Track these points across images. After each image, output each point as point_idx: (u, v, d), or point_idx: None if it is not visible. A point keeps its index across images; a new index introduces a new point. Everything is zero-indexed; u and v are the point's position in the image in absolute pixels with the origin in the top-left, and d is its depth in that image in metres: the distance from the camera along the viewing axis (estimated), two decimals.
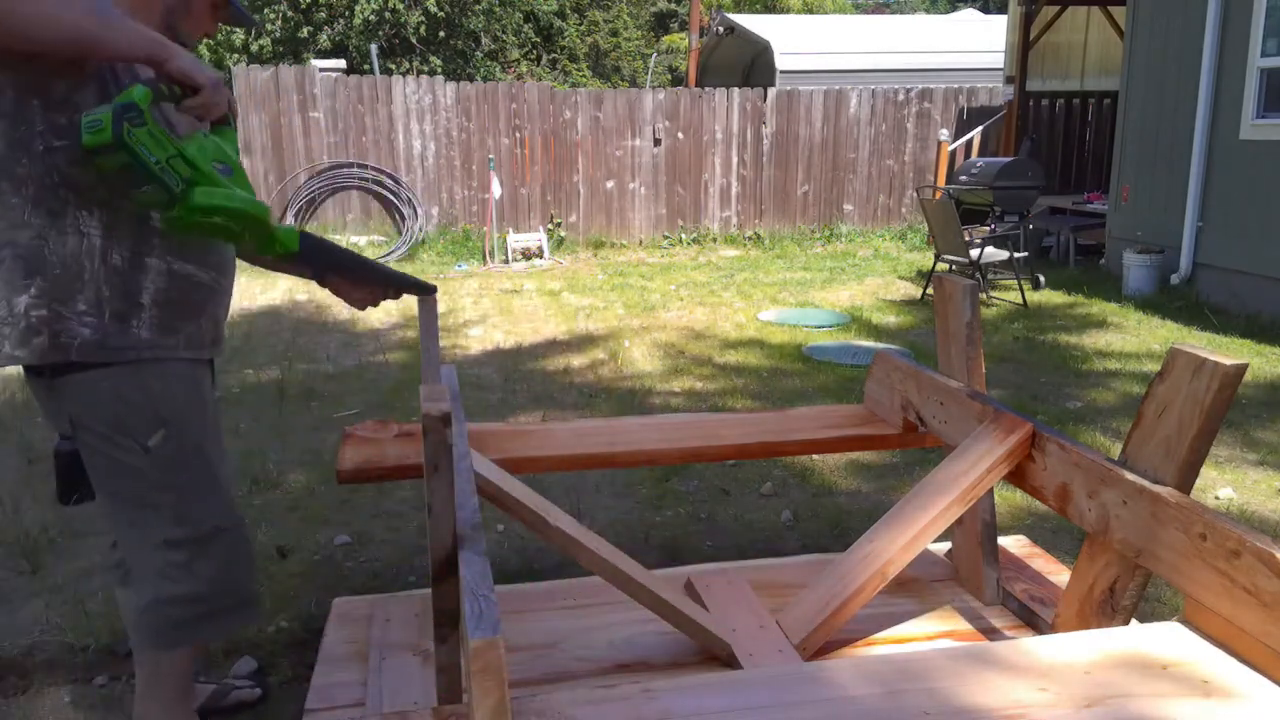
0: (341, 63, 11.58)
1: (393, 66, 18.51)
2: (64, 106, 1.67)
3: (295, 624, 2.70)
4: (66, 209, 1.71)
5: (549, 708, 1.48)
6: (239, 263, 2.07)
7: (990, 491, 2.35)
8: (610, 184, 11.16)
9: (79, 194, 1.70)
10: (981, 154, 10.95)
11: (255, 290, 8.12)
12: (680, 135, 11.22)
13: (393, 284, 2.16)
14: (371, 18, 18.00)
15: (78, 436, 1.82)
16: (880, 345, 6.16)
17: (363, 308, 2.19)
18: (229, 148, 1.75)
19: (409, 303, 4.20)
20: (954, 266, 7.86)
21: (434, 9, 18.62)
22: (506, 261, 10.17)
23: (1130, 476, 1.85)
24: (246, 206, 1.68)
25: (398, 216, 10.66)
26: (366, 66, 15.90)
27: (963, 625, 2.42)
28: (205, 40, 1.89)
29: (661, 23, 27.74)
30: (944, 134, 11.19)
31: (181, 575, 1.89)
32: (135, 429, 1.81)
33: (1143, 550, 1.81)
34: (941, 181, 10.45)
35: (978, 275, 7.57)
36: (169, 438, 1.84)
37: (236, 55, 17.44)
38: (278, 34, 17.94)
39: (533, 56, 23.88)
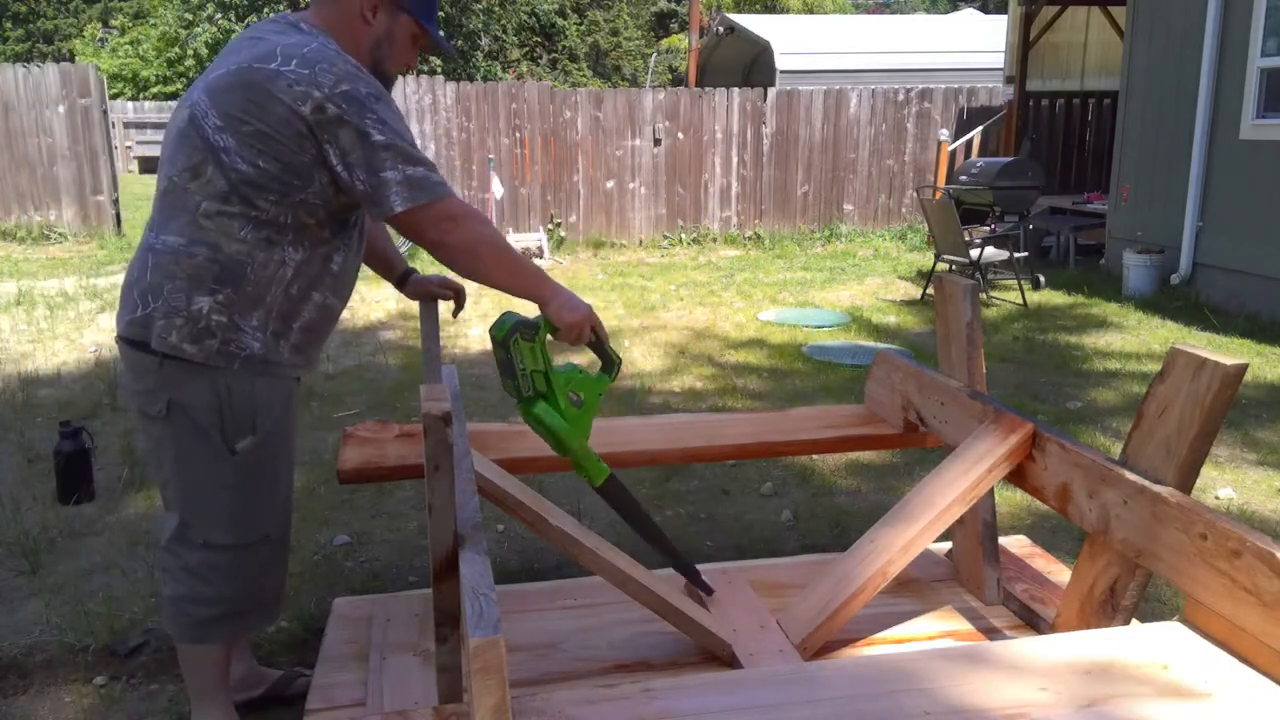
0: None
1: None
2: (347, 195, 1.88)
3: (295, 624, 2.70)
4: (282, 241, 1.87)
5: (549, 707, 1.48)
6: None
7: (990, 491, 2.35)
8: (610, 184, 11.16)
9: (297, 234, 1.88)
10: (981, 154, 10.95)
11: None
12: (680, 135, 11.22)
13: (674, 565, 2.42)
14: None
15: (170, 417, 1.89)
16: (880, 345, 6.16)
17: None
18: (594, 389, 2.08)
19: (409, 302, 4.18)
20: (954, 266, 7.86)
21: None
22: None
23: (1131, 476, 1.85)
24: (563, 438, 2.02)
25: None
26: None
27: (963, 625, 2.42)
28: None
29: (661, 23, 27.75)
30: (944, 134, 11.18)
31: (215, 577, 1.96)
32: (229, 430, 1.90)
33: (1143, 550, 1.81)
34: (941, 181, 10.45)
35: (978, 275, 7.57)
36: (256, 445, 1.93)
37: None
38: None
39: (533, 56, 23.87)
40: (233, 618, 1.99)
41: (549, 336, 1.99)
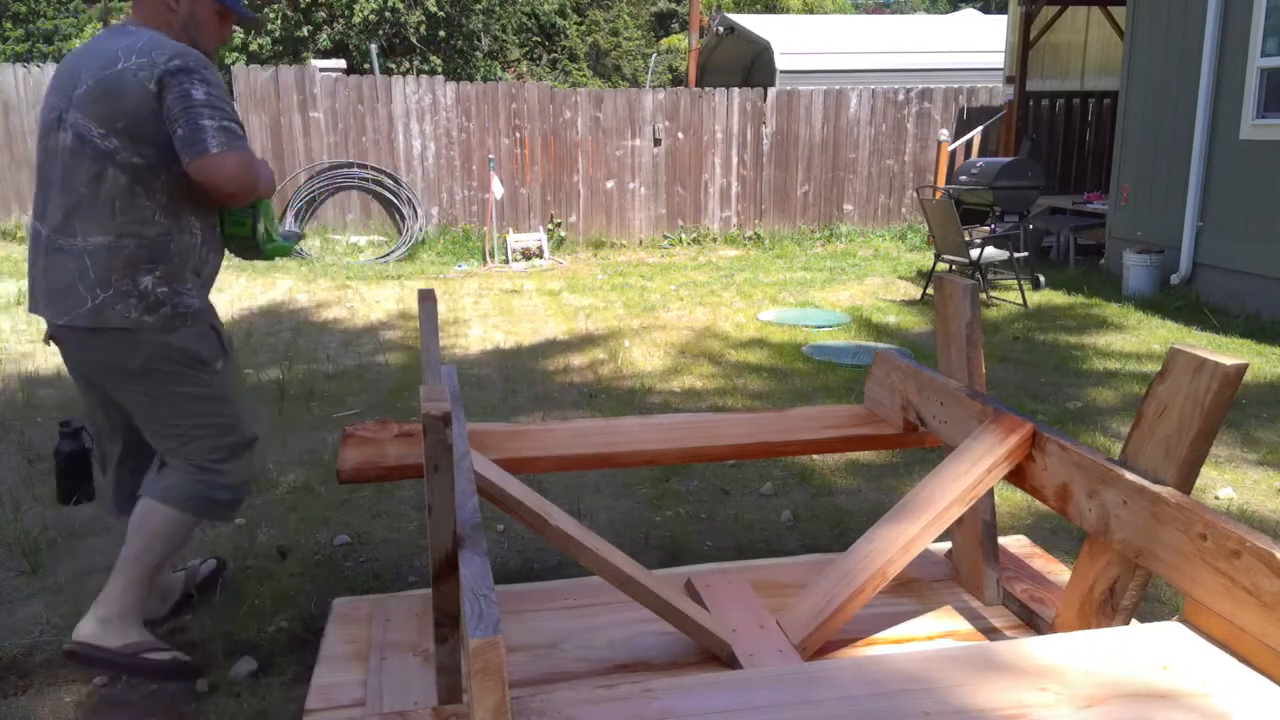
0: (341, 63, 11.58)
1: (393, 66, 18.51)
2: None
3: (295, 624, 2.70)
4: (186, 215, 2.32)
5: (549, 708, 1.48)
6: (242, 266, 2.52)
7: (990, 491, 2.35)
8: (610, 184, 11.16)
9: (193, 205, 2.33)
10: (981, 154, 10.95)
11: (255, 290, 8.12)
12: (680, 135, 11.22)
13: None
14: (371, 17, 18.00)
15: (131, 384, 2.32)
16: (880, 345, 6.16)
17: None
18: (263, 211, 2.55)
19: (409, 302, 4.14)
20: (954, 266, 7.86)
21: (434, 9, 18.61)
22: (506, 261, 10.18)
23: (1130, 476, 1.85)
24: (285, 252, 2.63)
25: (398, 216, 10.66)
26: (366, 66, 15.89)
27: (963, 625, 2.42)
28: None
29: (661, 23, 27.74)
30: (944, 134, 11.18)
31: (223, 471, 2.42)
32: (210, 358, 2.40)
33: (1143, 550, 1.81)
34: (941, 181, 10.45)
35: (978, 275, 7.57)
36: (227, 364, 2.45)
37: (236, 55, 17.43)
38: (277, 33, 17.94)
39: (533, 56, 23.88)
40: (227, 504, 2.46)
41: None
